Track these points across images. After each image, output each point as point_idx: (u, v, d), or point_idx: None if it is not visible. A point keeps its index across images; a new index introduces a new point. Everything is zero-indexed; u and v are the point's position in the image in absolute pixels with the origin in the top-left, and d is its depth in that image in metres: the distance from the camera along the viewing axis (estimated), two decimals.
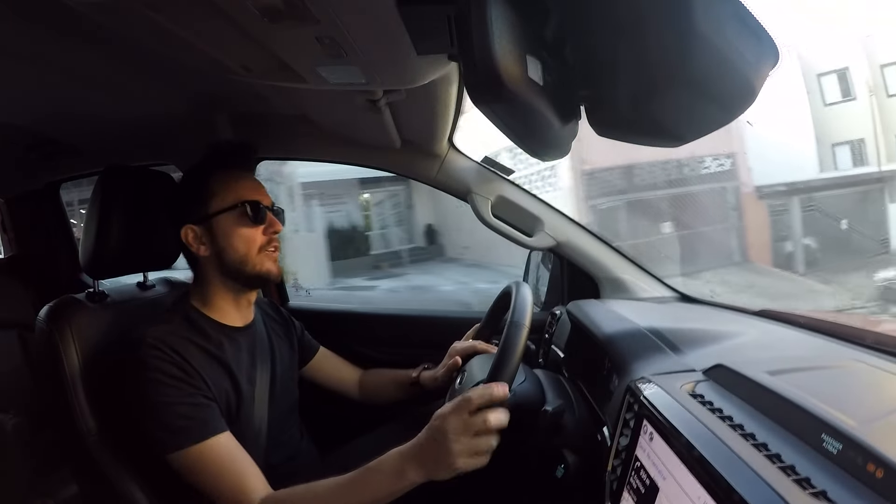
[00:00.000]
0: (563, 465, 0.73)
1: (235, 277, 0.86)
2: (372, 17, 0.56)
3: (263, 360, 0.91)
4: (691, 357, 0.71)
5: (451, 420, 0.63)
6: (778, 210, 5.88)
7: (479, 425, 0.63)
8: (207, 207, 0.84)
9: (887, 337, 0.65)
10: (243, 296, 0.90)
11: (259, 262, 0.85)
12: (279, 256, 0.89)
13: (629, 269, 1.20)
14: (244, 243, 0.84)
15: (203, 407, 0.77)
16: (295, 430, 0.97)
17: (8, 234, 1.58)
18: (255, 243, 0.85)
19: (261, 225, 0.85)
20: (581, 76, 0.58)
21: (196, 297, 0.88)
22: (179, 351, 0.77)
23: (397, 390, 1.09)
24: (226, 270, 0.86)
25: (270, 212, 0.87)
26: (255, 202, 0.85)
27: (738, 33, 0.45)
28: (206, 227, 0.85)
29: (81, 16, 0.62)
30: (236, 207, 0.84)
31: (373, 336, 1.41)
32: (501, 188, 1.19)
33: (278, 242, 0.88)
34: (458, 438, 0.63)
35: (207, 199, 0.85)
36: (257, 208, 0.85)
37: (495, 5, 0.44)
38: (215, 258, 0.85)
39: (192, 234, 0.85)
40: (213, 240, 0.85)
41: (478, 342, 1.00)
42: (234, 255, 0.84)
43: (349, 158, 1.31)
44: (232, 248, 0.84)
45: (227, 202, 0.84)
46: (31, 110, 1.03)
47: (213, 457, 0.75)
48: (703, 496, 0.43)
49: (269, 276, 0.87)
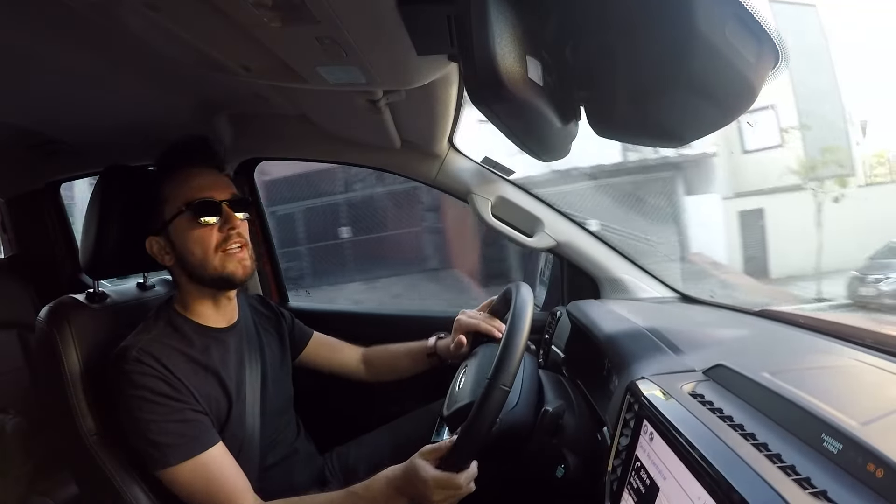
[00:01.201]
0: (563, 465, 0.73)
1: (201, 282, 0.83)
2: (372, 17, 0.56)
3: (252, 358, 0.90)
4: (691, 357, 0.71)
5: (430, 486, 0.71)
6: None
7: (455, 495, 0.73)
8: (162, 215, 0.82)
9: (887, 337, 0.66)
10: (221, 296, 0.87)
11: (219, 263, 0.81)
12: (246, 255, 0.84)
13: (629, 269, 1.20)
14: (198, 246, 0.80)
15: (191, 423, 0.76)
16: (291, 428, 0.96)
17: (8, 234, 1.58)
18: (209, 244, 0.81)
19: (212, 224, 0.81)
20: (581, 76, 0.58)
21: (178, 301, 0.87)
22: (165, 363, 0.76)
23: (413, 363, 1.05)
24: (192, 276, 0.83)
25: (229, 205, 0.82)
26: (203, 200, 0.80)
27: (738, 33, 0.45)
28: (165, 236, 0.82)
29: (81, 16, 0.62)
30: (183, 211, 0.80)
31: (373, 336, 1.40)
32: (501, 189, 1.19)
33: (241, 238, 0.83)
34: (437, 492, 0.72)
35: (161, 207, 0.82)
36: (205, 206, 0.80)
37: (495, 5, 0.44)
38: (179, 266, 0.83)
39: (157, 245, 0.83)
40: (173, 247, 0.82)
41: (481, 321, 0.97)
42: (192, 260, 0.81)
43: (349, 159, 1.31)
44: (189, 252, 0.81)
45: (176, 206, 0.81)
46: (31, 110, 1.03)
47: (202, 472, 0.75)
48: (704, 496, 0.43)
49: (232, 277, 0.82)
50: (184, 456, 0.74)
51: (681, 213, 4.28)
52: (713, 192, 4.40)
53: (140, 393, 0.74)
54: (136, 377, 0.74)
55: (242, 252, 0.83)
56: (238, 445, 0.82)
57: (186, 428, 0.75)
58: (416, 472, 0.72)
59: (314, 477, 0.98)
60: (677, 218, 4.22)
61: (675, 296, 1.19)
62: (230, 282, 0.83)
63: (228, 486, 0.76)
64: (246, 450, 0.83)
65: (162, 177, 0.84)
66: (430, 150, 1.18)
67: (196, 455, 0.75)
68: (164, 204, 0.82)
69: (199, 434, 0.76)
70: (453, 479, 0.71)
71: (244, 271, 0.83)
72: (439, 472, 0.71)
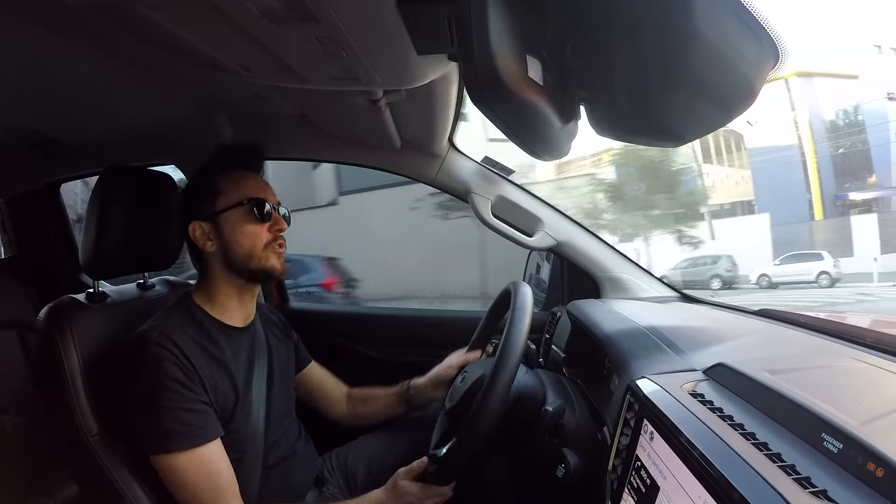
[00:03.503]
0: (563, 465, 0.73)
1: (240, 272, 0.87)
2: (372, 17, 0.56)
3: (261, 361, 0.92)
4: (691, 356, 0.71)
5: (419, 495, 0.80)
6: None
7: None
8: (215, 204, 0.87)
9: (887, 336, 0.66)
10: (247, 291, 0.91)
11: (264, 257, 0.87)
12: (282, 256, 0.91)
13: (629, 269, 1.20)
14: (249, 239, 0.87)
15: (199, 413, 0.77)
16: (292, 430, 0.97)
17: (8, 234, 1.58)
18: (260, 239, 0.87)
19: (266, 222, 0.88)
20: (581, 76, 0.58)
21: (200, 294, 0.89)
22: (184, 350, 0.78)
23: (389, 406, 1.08)
24: (231, 265, 0.87)
25: (276, 211, 0.90)
26: (260, 200, 0.87)
27: (738, 33, 0.45)
28: (213, 223, 0.87)
29: (81, 16, 0.62)
30: (242, 205, 0.86)
31: (373, 336, 1.41)
32: (501, 188, 1.19)
33: (283, 240, 0.90)
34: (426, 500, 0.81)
35: (215, 197, 0.87)
36: (262, 206, 0.87)
37: (495, 5, 0.44)
38: (221, 253, 0.87)
39: (200, 230, 0.87)
40: (219, 235, 0.87)
41: (470, 356, 1.03)
42: (239, 251, 0.86)
43: (349, 158, 1.31)
44: (238, 243, 0.86)
45: (234, 199, 0.87)
46: (31, 110, 1.03)
47: (198, 464, 0.76)
48: (704, 495, 0.43)
49: (273, 271, 0.89)
50: (185, 445, 0.75)
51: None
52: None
53: (156, 376, 0.75)
54: (155, 360, 0.76)
55: (282, 251, 0.91)
56: (243, 442, 0.83)
57: (193, 417, 0.76)
58: (401, 489, 0.80)
59: (312, 477, 0.98)
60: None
61: (675, 295, 1.19)
62: (270, 275, 0.89)
63: (218, 483, 0.77)
64: (250, 448, 0.84)
65: (218, 170, 0.90)
66: (430, 149, 1.18)
67: (196, 446, 0.76)
68: (218, 194, 0.87)
69: (204, 425, 0.77)
70: (438, 489, 0.80)
71: (283, 268, 0.91)
72: (423, 485, 0.80)
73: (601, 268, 1.20)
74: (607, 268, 1.20)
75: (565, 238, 1.19)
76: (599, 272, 1.20)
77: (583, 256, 1.20)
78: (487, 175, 1.20)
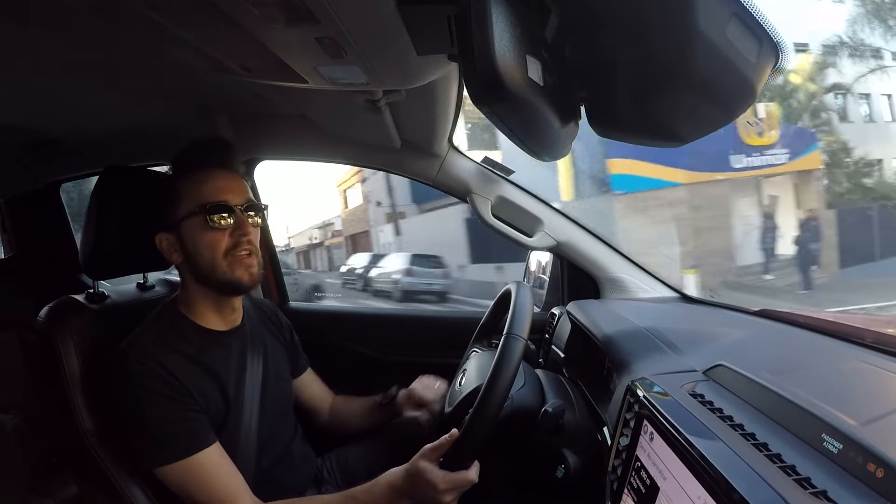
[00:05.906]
0: (563, 465, 0.73)
1: (207, 284, 0.82)
2: (372, 17, 0.56)
3: (254, 362, 0.89)
4: (691, 357, 0.71)
5: (439, 488, 0.71)
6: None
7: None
8: (175, 213, 0.81)
9: (887, 337, 0.65)
10: (225, 302, 0.86)
11: (228, 267, 0.80)
12: (254, 262, 0.83)
13: (629, 269, 1.20)
14: (208, 248, 0.80)
15: (189, 422, 0.76)
16: (288, 432, 0.96)
17: (8, 234, 1.58)
18: (219, 248, 0.80)
19: (224, 229, 0.80)
20: (581, 76, 0.58)
21: (181, 301, 0.86)
22: (166, 365, 0.76)
23: (369, 416, 1.06)
24: (199, 277, 0.82)
25: (243, 211, 0.82)
26: (218, 204, 0.80)
27: (739, 33, 0.45)
28: (176, 233, 0.82)
29: (81, 16, 0.62)
30: (198, 213, 0.80)
31: (372, 336, 1.41)
32: (501, 188, 1.19)
33: (251, 246, 0.82)
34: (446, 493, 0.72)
35: (175, 205, 0.81)
36: (219, 210, 0.80)
37: (495, 5, 0.44)
38: (187, 265, 0.83)
39: (166, 241, 0.83)
40: (183, 246, 0.82)
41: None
42: (201, 262, 0.81)
43: (349, 158, 1.31)
44: (199, 254, 0.80)
45: (191, 207, 0.80)
46: (31, 110, 1.03)
47: (198, 471, 0.75)
48: (704, 496, 0.43)
49: (239, 282, 0.81)
50: (180, 455, 0.74)
51: None
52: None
53: (139, 393, 0.74)
54: (137, 378, 0.74)
55: (251, 259, 0.82)
56: (235, 445, 0.82)
57: (184, 427, 0.75)
58: (422, 475, 0.72)
59: (310, 478, 0.98)
60: None
61: (675, 296, 1.19)
62: (236, 287, 0.82)
63: (224, 486, 0.76)
64: (242, 450, 0.83)
65: (177, 174, 0.84)
66: (431, 149, 1.18)
67: (192, 455, 0.75)
68: (178, 202, 0.81)
69: (197, 434, 0.76)
70: (464, 476, 0.72)
71: (251, 278, 0.82)
72: (446, 472, 0.71)
73: (601, 268, 1.20)
74: (607, 268, 1.20)
75: (565, 238, 1.19)
76: (599, 272, 1.20)
77: (583, 256, 1.20)
78: (487, 175, 1.20)
